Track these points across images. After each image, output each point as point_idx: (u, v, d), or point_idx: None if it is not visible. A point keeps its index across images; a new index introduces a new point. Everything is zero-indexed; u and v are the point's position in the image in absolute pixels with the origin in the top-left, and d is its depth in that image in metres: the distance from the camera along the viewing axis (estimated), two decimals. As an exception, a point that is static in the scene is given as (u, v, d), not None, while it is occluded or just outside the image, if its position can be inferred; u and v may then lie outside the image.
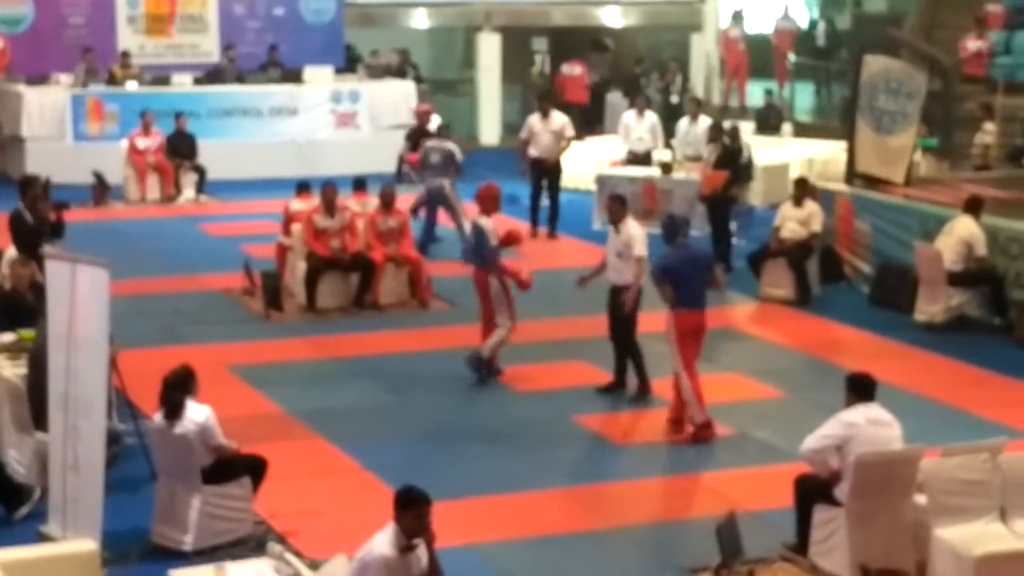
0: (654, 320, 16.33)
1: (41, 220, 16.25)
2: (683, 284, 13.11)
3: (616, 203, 14.40)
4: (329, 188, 17.80)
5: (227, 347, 15.98)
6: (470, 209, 19.29)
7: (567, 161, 22.87)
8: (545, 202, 22.28)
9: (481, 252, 14.79)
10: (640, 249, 14.00)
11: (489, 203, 15.10)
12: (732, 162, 20.11)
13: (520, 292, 15.10)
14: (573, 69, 31.59)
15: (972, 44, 25.45)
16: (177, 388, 10.61)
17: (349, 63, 30.37)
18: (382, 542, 8.41)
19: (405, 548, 8.43)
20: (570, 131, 22.47)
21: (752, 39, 33.14)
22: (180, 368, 10.75)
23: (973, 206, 17.02)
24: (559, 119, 22.37)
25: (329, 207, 17.65)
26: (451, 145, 21.31)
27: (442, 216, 21.12)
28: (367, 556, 8.39)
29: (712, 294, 13.76)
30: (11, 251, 15.78)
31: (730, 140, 20.41)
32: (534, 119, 22.47)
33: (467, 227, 20.07)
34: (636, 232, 14.10)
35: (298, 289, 17.79)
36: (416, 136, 24.42)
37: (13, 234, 16.27)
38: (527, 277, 14.88)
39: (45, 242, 15.99)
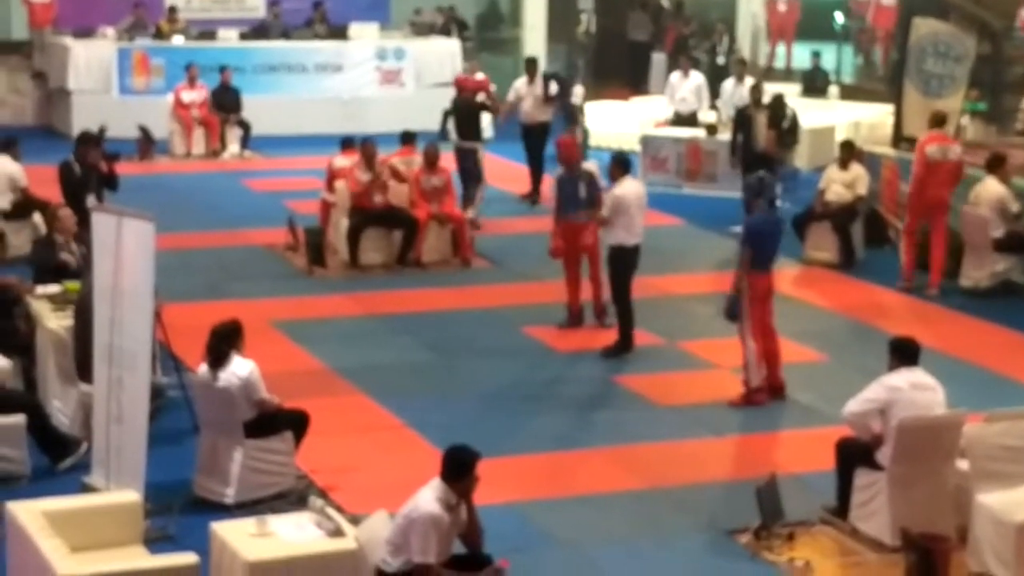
0: (685, 282, 16.39)
1: (89, 171, 16.39)
2: (764, 247, 13.07)
3: (613, 164, 14.57)
4: (368, 145, 17.80)
5: (270, 302, 16.04)
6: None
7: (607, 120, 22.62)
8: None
9: (590, 198, 14.83)
10: (605, 210, 14.34)
11: (576, 152, 15.31)
12: (778, 122, 20.07)
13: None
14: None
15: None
16: (224, 340, 10.66)
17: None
18: (428, 499, 8.43)
19: (453, 506, 8.46)
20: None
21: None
22: (230, 321, 10.80)
23: (996, 165, 16.92)
24: (541, 82, 21.97)
25: (369, 163, 17.66)
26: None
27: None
28: (412, 513, 8.41)
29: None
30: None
31: (775, 105, 20.32)
32: (520, 83, 22.10)
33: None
34: (615, 192, 14.27)
35: (341, 246, 17.82)
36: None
37: (61, 184, 16.44)
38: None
39: (95, 192, 16.17)
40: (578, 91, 21.66)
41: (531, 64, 22.47)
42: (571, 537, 10.39)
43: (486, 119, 21.75)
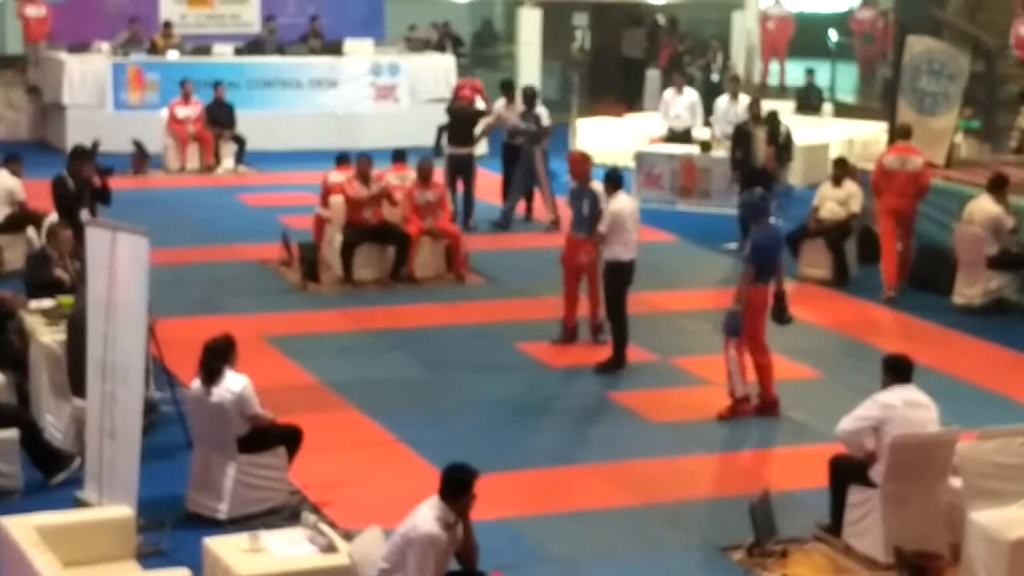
0: (679, 298, 16.41)
1: (83, 186, 16.39)
2: (767, 262, 13.16)
3: (604, 180, 14.60)
4: (364, 160, 17.81)
5: (264, 318, 16.03)
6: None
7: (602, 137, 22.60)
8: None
9: (591, 216, 14.81)
10: (603, 226, 14.33)
11: (584, 167, 15.26)
12: (775, 138, 20.14)
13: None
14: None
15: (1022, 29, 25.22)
16: (218, 356, 10.66)
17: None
18: (427, 517, 8.40)
19: (451, 524, 8.44)
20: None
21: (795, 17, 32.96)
22: (223, 337, 10.79)
23: (998, 186, 16.94)
24: (521, 104, 21.88)
25: (364, 179, 17.67)
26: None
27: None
28: (411, 532, 8.38)
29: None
30: (53, 216, 15.97)
31: (770, 122, 20.34)
32: (500, 104, 22.05)
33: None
34: (611, 208, 14.30)
35: (335, 261, 17.82)
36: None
37: (55, 199, 16.43)
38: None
39: (88, 206, 16.17)
40: (542, 111, 21.32)
41: (508, 86, 22.44)
42: (564, 553, 10.39)
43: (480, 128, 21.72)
